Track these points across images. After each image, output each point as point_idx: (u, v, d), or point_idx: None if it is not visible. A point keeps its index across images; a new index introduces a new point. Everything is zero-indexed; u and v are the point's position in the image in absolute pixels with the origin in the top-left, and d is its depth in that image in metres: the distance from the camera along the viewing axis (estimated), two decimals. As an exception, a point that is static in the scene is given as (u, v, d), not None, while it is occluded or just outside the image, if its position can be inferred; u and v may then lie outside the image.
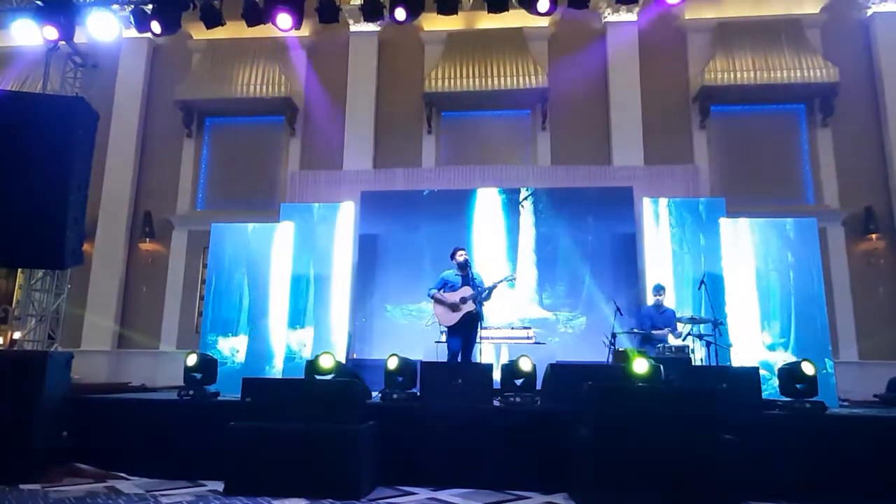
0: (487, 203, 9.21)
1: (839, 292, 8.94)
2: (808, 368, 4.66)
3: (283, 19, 6.97)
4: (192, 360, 5.26)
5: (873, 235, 9.07)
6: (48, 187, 5.06)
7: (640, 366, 4.33)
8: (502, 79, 9.83)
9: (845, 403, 6.71)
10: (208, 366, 5.31)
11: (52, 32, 7.16)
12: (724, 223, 7.56)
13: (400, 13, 6.97)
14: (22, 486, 4.18)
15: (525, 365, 4.89)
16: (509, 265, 8.88)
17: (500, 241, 9.11)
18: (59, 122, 5.28)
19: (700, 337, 6.66)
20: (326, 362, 4.91)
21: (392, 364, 4.97)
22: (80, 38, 8.79)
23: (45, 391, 4.64)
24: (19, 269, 9.29)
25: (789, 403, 4.60)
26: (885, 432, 4.31)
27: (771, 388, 4.88)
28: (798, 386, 4.65)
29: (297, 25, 7.07)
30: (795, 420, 4.43)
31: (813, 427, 4.36)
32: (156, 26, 7.19)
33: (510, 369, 4.91)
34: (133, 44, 10.54)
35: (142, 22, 7.29)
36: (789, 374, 4.73)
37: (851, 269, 9.09)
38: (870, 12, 9.70)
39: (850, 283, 9.02)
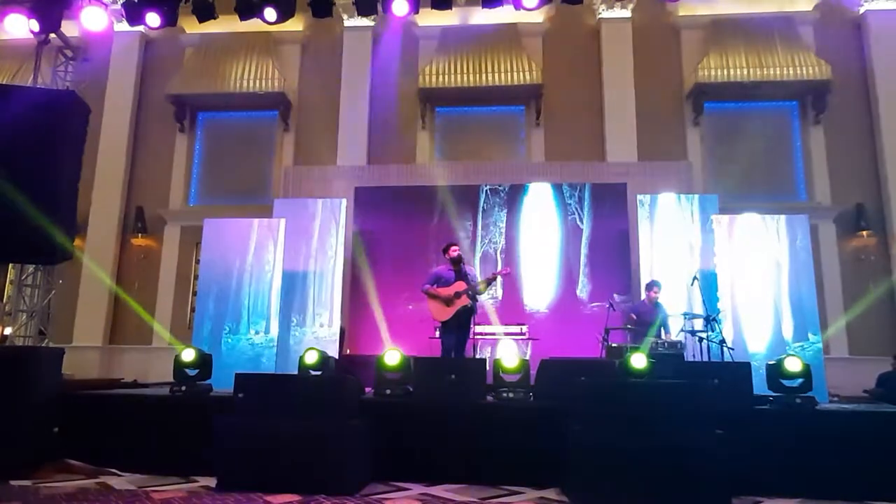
0: (480, 199, 9.21)
1: (830, 288, 9.00)
2: (796, 364, 4.69)
3: (269, 13, 6.93)
4: (184, 355, 5.23)
5: (864, 232, 9.14)
6: (39, 181, 5.02)
7: (639, 361, 4.39)
8: (496, 74, 9.82)
9: (835, 399, 6.77)
10: (201, 361, 5.28)
11: (36, 25, 7.09)
12: (717, 220, 7.58)
13: (400, 7, 6.91)
14: (12, 483, 4.15)
15: (509, 361, 4.90)
16: (502, 260, 8.89)
17: (493, 237, 9.11)
18: (50, 115, 5.23)
19: (693, 332, 6.69)
20: (311, 358, 4.95)
21: (385, 359, 4.97)
22: (71, 31, 8.75)
23: (36, 387, 4.61)
24: (10, 265, 9.21)
25: (780, 398, 4.63)
26: (874, 427, 4.35)
27: (762, 382, 4.92)
28: (786, 382, 4.68)
29: (283, 19, 7.01)
30: (786, 415, 4.46)
31: (803, 422, 4.39)
32: (153, 20, 7.10)
33: (496, 366, 4.93)
34: (125, 37, 10.47)
35: (133, 15, 7.23)
36: (778, 370, 4.76)
37: (842, 265, 9.15)
38: (862, 10, 9.74)
39: (841, 280, 9.09)
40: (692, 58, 9.92)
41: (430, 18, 9.78)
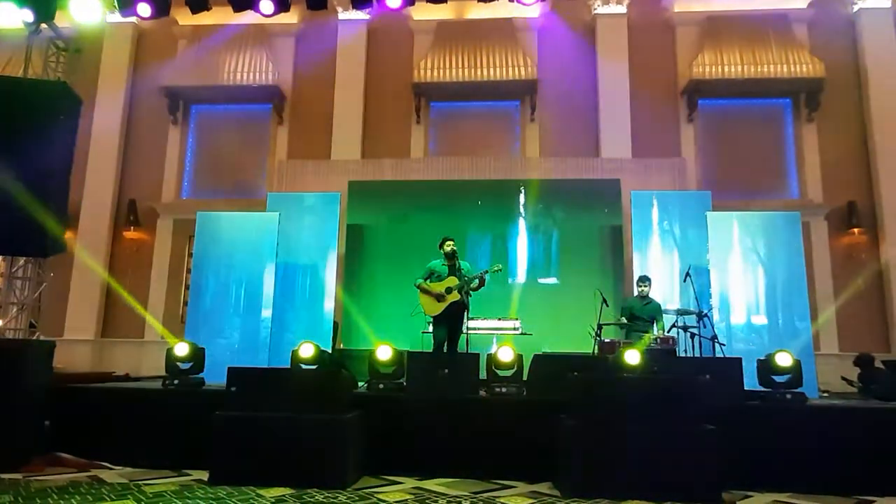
0: (474, 194, 9.20)
1: (821, 285, 9.06)
2: (787, 359, 4.74)
3: (265, 5, 6.87)
4: (177, 349, 5.22)
5: (855, 230, 9.19)
6: (30, 173, 4.99)
7: (632, 357, 4.46)
8: (492, 69, 9.80)
9: (825, 394, 6.83)
10: (194, 355, 5.28)
11: (28, 15, 7.02)
12: (711, 217, 7.62)
13: (394, 0, 6.87)
14: (3, 476, 4.14)
15: (505, 355, 4.91)
16: (496, 256, 8.89)
17: (487, 232, 9.12)
18: (42, 106, 5.20)
19: (685, 328, 6.72)
20: (307, 352, 4.94)
21: (378, 354, 4.98)
22: (63, 21, 8.65)
23: (27, 380, 4.60)
24: (0, 257, 9.14)
25: (770, 394, 4.67)
26: (863, 423, 4.39)
27: (752, 378, 4.96)
28: (776, 377, 4.72)
29: (279, 11, 6.97)
30: (776, 410, 4.50)
31: (793, 417, 4.43)
32: (145, 10, 7.03)
33: (491, 360, 4.94)
34: (117, 28, 10.38)
35: (126, 5, 7.16)
36: (768, 366, 4.80)
37: (833, 262, 9.21)
38: (856, 8, 9.78)
39: (832, 277, 9.15)
40: (687, 54, 9.93)
41: (425, 12, 9.73)
